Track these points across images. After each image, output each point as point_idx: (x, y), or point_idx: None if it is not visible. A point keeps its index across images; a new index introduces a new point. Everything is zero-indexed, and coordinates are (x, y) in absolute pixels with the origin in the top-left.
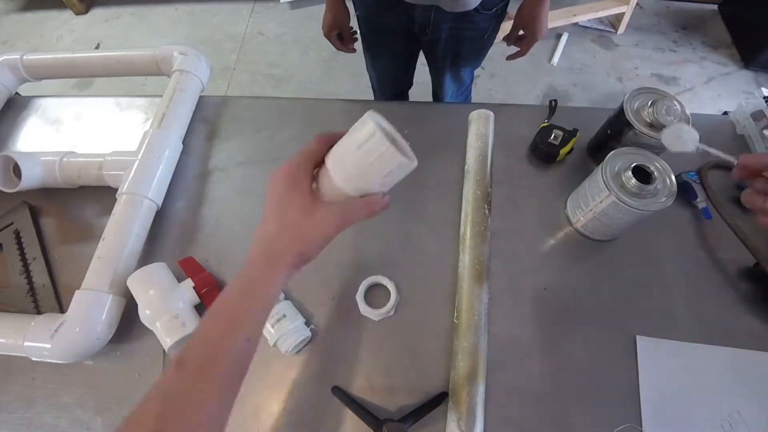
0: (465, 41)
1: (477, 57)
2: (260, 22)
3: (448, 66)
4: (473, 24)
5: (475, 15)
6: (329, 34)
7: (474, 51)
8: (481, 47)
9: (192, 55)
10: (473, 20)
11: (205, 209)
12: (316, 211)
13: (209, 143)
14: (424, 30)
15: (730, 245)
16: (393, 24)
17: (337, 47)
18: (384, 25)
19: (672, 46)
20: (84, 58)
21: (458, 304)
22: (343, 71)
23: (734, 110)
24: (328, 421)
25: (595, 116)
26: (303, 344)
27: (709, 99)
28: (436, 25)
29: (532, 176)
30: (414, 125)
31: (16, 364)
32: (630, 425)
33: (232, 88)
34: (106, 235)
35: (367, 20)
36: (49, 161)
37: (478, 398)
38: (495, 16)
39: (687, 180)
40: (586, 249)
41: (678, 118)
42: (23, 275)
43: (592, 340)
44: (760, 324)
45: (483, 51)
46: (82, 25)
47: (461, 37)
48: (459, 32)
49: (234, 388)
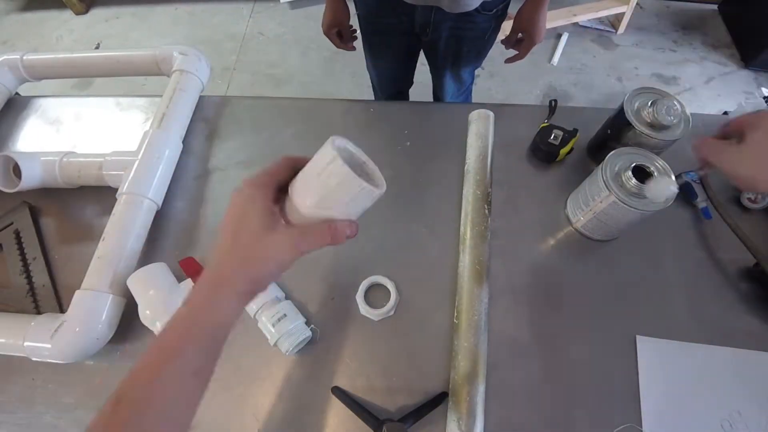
0: (465, 41)
1: (477, 57)
2: (260, 22)
3: (448, 66)
4: (474, 24)
5: (475, 15)
6: (329, 32)
7: (474, 51)
8: (482, 47)
9: (192, 55)
10: (474, 20)
11: (205, 209)
12: (271, 233)
13: (209, 143)
14: (425, 30)
15: (730, 245)
16: (394, 24)
17: (336, 45)
18: (385, 24)
19: (672, 46)
20: (84, 58)
21: (458, 304)
22: (343, 71)
23: (734, 110)
24: (328, 421)
25: (595, 116)
26: (303, 344)
27: (709, 99)
28: (437, 25)
29: (532, 176)
30: (414, 125)
31: (16, 364)
32: (630, 425)
33: (232, 88)
34: (106, 235)
35: (367, 20)
36: (49, 161)
37: (478, 398)
38: (495, 17)
39: (687, 180)
40: (586, 249)
41: (678, 117)
42: (23, 275)
43: (592, 340)
44: (760, 324)
45: (483, 51)
46: (82, 25)
47: (462, 38)
48: (459, 32)
49: (178, 425)
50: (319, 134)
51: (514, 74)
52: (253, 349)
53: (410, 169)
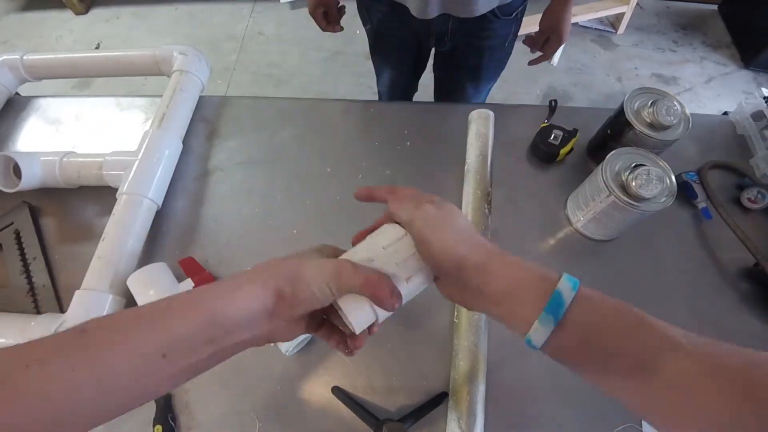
0: (485, 51)
1: (497, 68)
2: (260, 22)
3: (469, 78)
4: (492, 32)
5: (493, 21)
6: (314, 12)
7: (495, 61)
8: (502, 57)
9: (192, 55)
10: (492, 27)
11: (205, 209)
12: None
13: (209, 143)
14: (442, 39)
15: (730, 245)
16: (405, 36)
17: (322, 27)
18: (396, 37)
19: (672, 46)
20: (84, 58)
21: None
22: (343, 71)
23: (734, 110)
24: (328, 421)
25: (595, 116)
26: (303, 344)
27: (709, 99)
28: (454, 33)
29: (532, 176)
30: (414, 125)
31: None
32: (630, 425)
33: (232, 88)
34: (106, 235)
35: (378, 31)
36: (49, 161)
37: (479, 397)
38: (514, 21)
39: (687, 180)
40: (586, 249)
41: (678, 118)
42: (23, 275)
43: None
44: (760, 324)
45: (503, 61)
46: (82, 25)
47: (481, 47)
48: (478, 41)
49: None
50: (319, 134)
51: (514, 74)
52: (253, 349)
53: (410, 169)
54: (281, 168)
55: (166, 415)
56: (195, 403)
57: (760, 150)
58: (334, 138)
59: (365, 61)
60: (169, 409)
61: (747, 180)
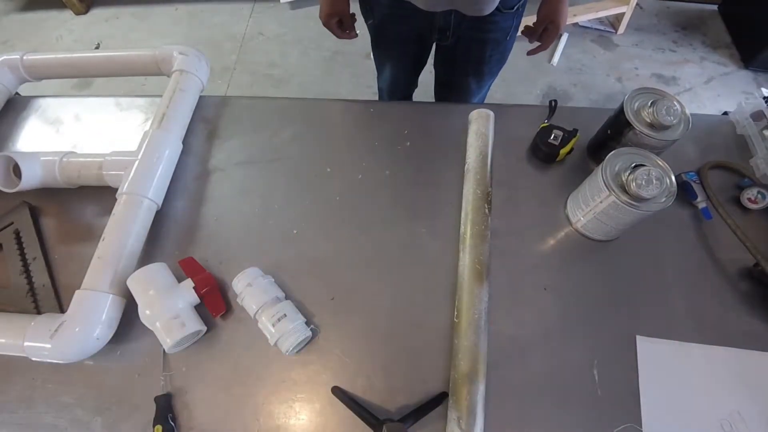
0: (488, 44)
1: (499, 61)
2: (260, 22)
3: (471, 73)
4: (494, 25)
5: (495, 14)
6: (329, 22)
7: (497, 55)
8: (503, 50)
9: (192, 55)
10: (494, 20)
11: (205, 209)
12: None
13: (209, 143)
14: (445, 34)
15: (730, 245)
16: (406, 31)
17: (338, 35)
18: (397, 33)
19: (672, 46)
20: (84, 58)
21: (458, 303)
22: (343, 71)
23: (734, 110)
24: (328, 421)
25: (595, 116)
26: (303, 344)
27: (709, 99)
28: (456, 28)
29: (532, 176)
30: (414, 125)
31: (16, 364)
32: (630, 425)
33: (232, 88)
34: (106, 235)
35: (380, 28)
36: (49, 161)
37: (479, 397)
38: (516, 15)
39: (687, 180)
40: (586, 249)
41: (678, 118)
42: (23, 275)
43: (592, 340)
44: (760, 324)
45: (504, 55)
46: (82, 25)
47: (483, 40)
48: (480, 35)
49: None
50: (319, 134)
51: (514, 74)
52: (253, 349)
53: (410, 169)
54: (281, 168)
55: (166, 415)
56: (195, 403)
57: (760, 150)
58: (334, 138)
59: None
60: (169, 409)
61: (747, 180)
